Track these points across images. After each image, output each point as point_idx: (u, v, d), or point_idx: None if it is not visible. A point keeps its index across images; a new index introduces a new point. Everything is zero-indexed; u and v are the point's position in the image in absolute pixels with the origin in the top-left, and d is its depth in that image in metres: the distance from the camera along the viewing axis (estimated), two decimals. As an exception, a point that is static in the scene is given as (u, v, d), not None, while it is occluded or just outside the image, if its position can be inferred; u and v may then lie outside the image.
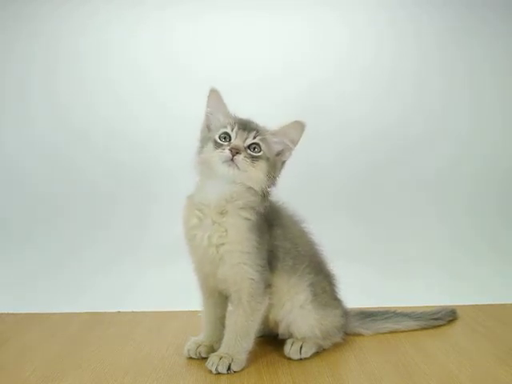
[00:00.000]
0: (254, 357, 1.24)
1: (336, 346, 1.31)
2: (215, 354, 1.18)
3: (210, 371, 1.16)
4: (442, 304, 1.64)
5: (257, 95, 1.97)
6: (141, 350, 1.30)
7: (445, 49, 2.03)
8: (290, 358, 1.23)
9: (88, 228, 2.01)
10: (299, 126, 1.19)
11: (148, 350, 1.30)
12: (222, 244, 1.15)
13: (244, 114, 1.89)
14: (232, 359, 1.16)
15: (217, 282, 1.20)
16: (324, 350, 1.29)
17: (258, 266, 1.16)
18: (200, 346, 1.26)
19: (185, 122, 1.97)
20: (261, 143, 1.17)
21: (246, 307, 1.17)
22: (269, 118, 1.96)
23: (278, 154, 1.20)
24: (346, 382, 1.12)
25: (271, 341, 1.33)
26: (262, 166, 1.16)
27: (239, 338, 1.17)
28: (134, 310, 1.59)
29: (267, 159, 1.17)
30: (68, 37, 1.94)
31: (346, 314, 1.33)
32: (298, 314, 1.22)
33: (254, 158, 1.15)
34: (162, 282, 1.79)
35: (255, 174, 1.15)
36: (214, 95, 1.21)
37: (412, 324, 1.41)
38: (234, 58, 1.99)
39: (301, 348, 1.23)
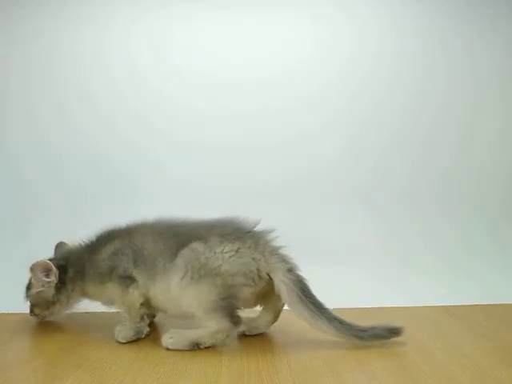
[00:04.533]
0: (253, 357, 1.24)
1: (336, 345, 1.31)
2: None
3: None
4: (442, 304, 1.65)
5: (257, 94, 1.97)
6: (141, 350, 1.30)
7: (447, 47, 2.03)
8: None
9: (88, 227, 2.00)
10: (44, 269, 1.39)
11: (148, 350, 1.30)
12: None
13: (244, 113, 1.91)
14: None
15: None
16: (323, 349, 1.29)
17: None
18: None
19: (183, 121, 2.00)
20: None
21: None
22: (269, 117, 1.98)
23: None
24: (346, 382, 1.12)
25: (271, 341, 1.33)
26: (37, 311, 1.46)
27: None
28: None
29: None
30: (66, 37, 1.93)
31: (230, 286, 1.25)
32: (174, 292, 1.27)
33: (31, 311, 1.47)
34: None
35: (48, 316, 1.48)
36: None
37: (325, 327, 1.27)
38: (233, 57, 1.98)
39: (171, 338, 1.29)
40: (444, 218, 2.03)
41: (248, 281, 1.25)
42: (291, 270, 1.28)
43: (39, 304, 1.42)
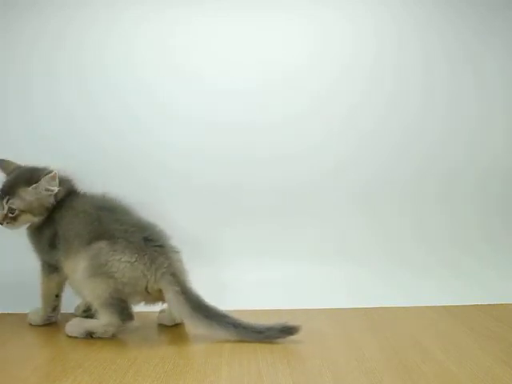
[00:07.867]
0: (253, 357, 1.25)
1: (336, 345, 1.31)
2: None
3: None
4: (442, 304, 1.65)
5: (257, 97, 1.96)
6: (141, 350, 1.30)
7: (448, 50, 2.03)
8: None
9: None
10: (53, 178, 1.42)
11: (148, 350, 1.30)
12: None
13: (240, 116, 1.91)
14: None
15: None
16: (323, 349, 1.29)
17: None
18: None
19: (184, 123, 2.00)
20: (14, 206, 1.40)
21: None
22: (269, 117, 1.98)
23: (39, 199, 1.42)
24: (346, 382, 1.12)
25: (271, 341, 1.33)
26: (24, 217, 1.42)
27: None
28: (135, 310, 1.59)
29: (28, 210, 1.41)
30: (69, 39, 1.93)
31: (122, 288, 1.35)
32: (78, 279, 1.38)
33: (14, 218, 1.41)
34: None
35: (23, 224, 1.45)
36: None
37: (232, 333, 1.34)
38: (234, 59, 1.98)
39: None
40: (445, 218, 2.03)
41: (136, 292, 1.37)
42: (182, 292, 1.35)
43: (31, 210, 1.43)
